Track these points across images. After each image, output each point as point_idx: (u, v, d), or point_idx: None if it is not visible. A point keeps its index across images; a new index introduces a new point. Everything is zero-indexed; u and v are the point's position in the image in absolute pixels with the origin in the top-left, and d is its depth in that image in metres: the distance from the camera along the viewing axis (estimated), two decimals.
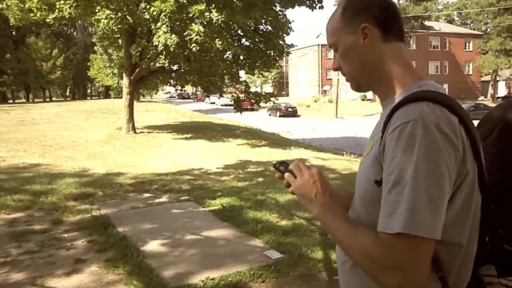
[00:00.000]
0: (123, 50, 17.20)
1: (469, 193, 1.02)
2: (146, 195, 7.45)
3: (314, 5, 10.14)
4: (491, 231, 1.14)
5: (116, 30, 14.32)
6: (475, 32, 51.51)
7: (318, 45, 61.18)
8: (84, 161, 10.83)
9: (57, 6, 11.33)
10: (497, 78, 50.44)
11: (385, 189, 0.97)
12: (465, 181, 0.99)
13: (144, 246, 4.78)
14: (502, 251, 1.16)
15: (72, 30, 62.54)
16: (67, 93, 69.31)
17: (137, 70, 15.77)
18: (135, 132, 16.15)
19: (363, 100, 49.17)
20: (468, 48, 53.37)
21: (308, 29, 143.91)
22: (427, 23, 50.09)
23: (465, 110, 1.04)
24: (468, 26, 62.00)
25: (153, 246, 4.82)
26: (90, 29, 32.50)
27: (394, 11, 1.16)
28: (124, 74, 16.43)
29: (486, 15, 48.80)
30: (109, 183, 8.15)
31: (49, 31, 50.74)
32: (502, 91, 51.62)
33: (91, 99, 62.89)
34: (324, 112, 41.18)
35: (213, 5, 10.50)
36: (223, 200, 6.82)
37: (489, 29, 49.85)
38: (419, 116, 0.96)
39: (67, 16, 11.80)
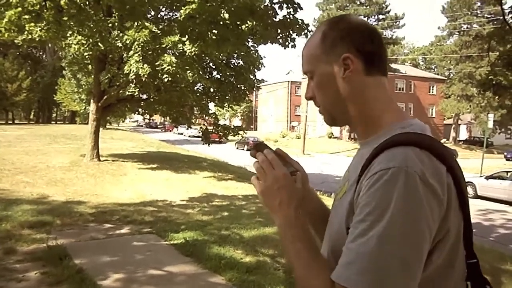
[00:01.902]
0: (92, 76, 17.00)
1: (451, 250, 0.90)
2: (107, 225, 7.21)
3: (287, 43, 10.35)
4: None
5: (87, 56, 14.19)
6: (439, 77, 53.67)
7: (288, 81, 62.42)
8: (43, 188, 10.45)
9: (27, 28, 11.15)
10: (459, 122, 52.47)
11: (350, 236, 0.86)
12: (446, 238, 0.88)
13: (102, 280, 4.57)
14: None
15: (41, 53, 61.56)
16: (31, 116, 67.55)
17: (106, 97, 15.57)
18: (99, 160, 15.79)
19: (330, 137, 49.96)
20: (432, 92, 55.46)
21: (278, 66, 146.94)
22: (393, 65, 51.99)
23: (452, 155, 0.94)
24: (432, 70, 64.73)
25: (111, 280, 4.62)
26: (60, 53, 32.14)
27: (378, 42, 1.04)
28: (92, 100, 16.17)
29: (449, 61, 51.14)
30: (68, 212, 7.86)
31: (17, 53, 49.80)
32: (463, 134, 53.66)
33: (56, 123, 61.46)
34: (291, 147, 41.52)
35: (187, 36, 10.56)
36: (187, 234, 6.68)
37: (451, 75, 52.11)
38: (402, 164, 0.84)
39: (37, 39, 11.60)
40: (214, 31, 9.61)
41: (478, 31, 45.72)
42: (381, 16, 51.15)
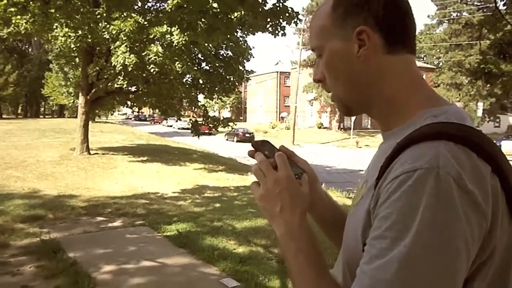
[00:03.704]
0: (80, 69, 16.83)
1: (498, 275, 0.70)
2: (99, 218, 7.21)
3: (277, 32, 10.35)
4: None
5: (74, 48, 14.04)
6: (428, 65, 53.92)
7: (277, 72, 62.36)
8: (34, 182, 10.39)
9: (13, 21, 11.00)
10: None
11: (366, 255, 0.69)
12: (490, 260, 0.69)
13: (96, 272, 4.60)
14: None
15: (27, 46, 60.71)
16: (19, 111, 66.81)
17: (94, 90, 15.44)
18: (89, 153, 15.69)
19: (319, 128, 50.10)
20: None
21: (267, 56, 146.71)
22: None
23: (500, 151, 0.73)
24: (422, 59, 65.08)
25: (105, 273, 4.64)
26: (47, 46, 31.74)
27: (405, 11, 0.83)
28: (80, 94, 16.02)
29: (438, 50, 51.29)
30: (60, 206, 7.85)
31: (3, 46, 49.06)
32: None
33: (44, 117, 60.80)
34: (281, 138, 41.53)
35: (176, 26, 10.50)
36: (179, 225, 6.71)
37: (441, 63, 52.33)
38: (431, 164, 0.65)
39: (23, 32, 11.45)
40: (203, 20, 9.55)
41: (468, 19, 45.93)
42: None
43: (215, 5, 9.76)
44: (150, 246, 5.76)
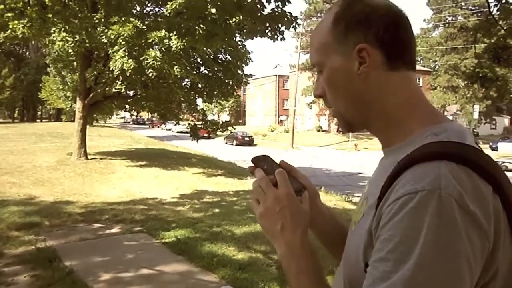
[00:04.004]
0: (77, 73, 16.77)
1: None
2: (97, 225, 7.14)
3: (276, 36, 10.30)
4: None
5: (71, 53, 13.97)
6: (425, 69, 53.96)
7: (276, 75, 62.36)
8: (30, 188, 10.29)
9: (10, 26, 10.93)
10: (445, 113, 52.98)
11: (369, 278, 0.69)
12: (493, 281, 0.69)
13: (93, 281, 4.51)
14: None
15: (24, 50, 60.59)
16: (16, 115, 66.63)
17: (92, 94, 15.38)
18: (87, 158, 15.60)
19: (318, 131, 50.09)
20: (419, 84, 55.77)
21: (266, 60, 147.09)
22: None
23: (501, 170, 0.73)
24: (419, 62, 65.20)
25: (102, 281, 4.56)
26: (44, 50, 31.67)
27: (405, 28, 0.84)
28: (77, 98, 15.96)
29: (435, 53, 51.56)
30: (56, 212, 7.76)
31: (0, 50, 48.99)
32: None
33: (41, 121, 60.66)
34: (280, 142, 41.59)
35: (175, 32, 10.44)
36: (178, 232, 6.64)
37: (437, 67, 52.53)
38: (433, 185, 0.65)
39: (20, 36, 11.39)
40: (202, 26, 9.50)
41: (463, 23, 46.28)
42: None
43: (213, 10, 9.71)
44: (148, 253, 5.68)
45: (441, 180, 0.66)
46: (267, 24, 10.17)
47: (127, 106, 20.30)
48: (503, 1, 8.12)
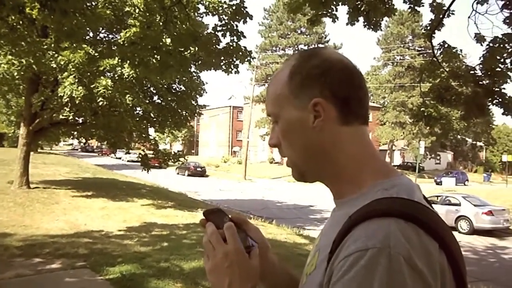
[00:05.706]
0: (23, 98, 16.14)
1: None
2: (36, 260, 6.70)
3: (230, 69, 10.39)
4: None
5: (17, 76, 13.46)
6: (375, 104, 56.02)
7: (230, 106, 62.86)
8: None
9: None
10: (393, 148, 54.97)
11: None
12: None
13: None
14: None
15: None
16: None
17: (38, 120, 14.80)
18: (29, 187, 14.85)
19: (271, 162, 50.47)
20: (369, 119, 57.90)
21: (221, 90, 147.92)
22: None
23: (446, 227, 0.78)
24: (369, 98, 67.78)
25: None
26: None
27: (359, 84, 0.87)
28: (22, 123, 15.30)
29: (384, 90, 53.79)
30: None
31: None
32: (397, 159, 56.24)
33: None
34: (233, 173, 41.48)
35: (128, 61, 10.29)
36: (123, 267, 6.35)
37: (386, 103, 54.73)
38: (383, 243, 0.67)
39: None
40: (156, 56, 9.43)
41: (410, 62, 48.84)
42: (320, 46, 53.07)
43: (168, 41, 9.69)
44: None
45: (390, 238, 0.68)
46: (222, 58, 10.25)
47: (75, 133, 19.64)
48: (446, 46, 8.62)
